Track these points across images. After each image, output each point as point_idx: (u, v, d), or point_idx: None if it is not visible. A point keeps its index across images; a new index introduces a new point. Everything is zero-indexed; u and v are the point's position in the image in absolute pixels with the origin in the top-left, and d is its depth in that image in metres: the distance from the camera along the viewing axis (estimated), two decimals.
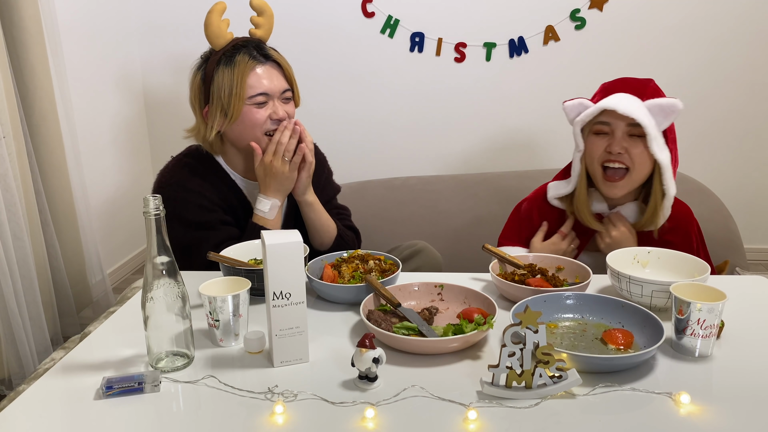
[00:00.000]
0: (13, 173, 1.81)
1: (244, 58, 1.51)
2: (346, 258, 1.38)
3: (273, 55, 1.55)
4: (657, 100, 1.46)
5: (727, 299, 1.03)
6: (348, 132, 2.71)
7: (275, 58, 1.55)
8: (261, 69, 1.52)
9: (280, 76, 1.55)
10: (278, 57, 1.56)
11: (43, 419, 0.91)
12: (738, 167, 2.71)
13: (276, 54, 1.57)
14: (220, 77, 1.51)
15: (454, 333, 1.07)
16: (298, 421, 0.89)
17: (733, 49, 2.56)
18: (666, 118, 1.46)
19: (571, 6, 2.53)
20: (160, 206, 0.98)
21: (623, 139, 1.47)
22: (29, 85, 1.94)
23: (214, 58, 1.53)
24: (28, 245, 1.87)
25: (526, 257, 1.42)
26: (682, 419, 0.88)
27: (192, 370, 1.03)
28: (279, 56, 1.57)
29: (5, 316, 1.80)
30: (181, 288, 1.03)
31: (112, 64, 2.52)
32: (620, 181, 1.50)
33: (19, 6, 1.86)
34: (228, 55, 1.52)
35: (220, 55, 1.52)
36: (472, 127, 2.72)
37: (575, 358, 0.97)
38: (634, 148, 1.47)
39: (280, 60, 1.56)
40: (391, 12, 2.57)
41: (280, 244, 0.99)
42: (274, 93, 1.53)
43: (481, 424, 0.88)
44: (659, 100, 1.45)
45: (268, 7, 1.61)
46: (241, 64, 1.50)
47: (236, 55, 1.51)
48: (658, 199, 1.51)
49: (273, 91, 1.53)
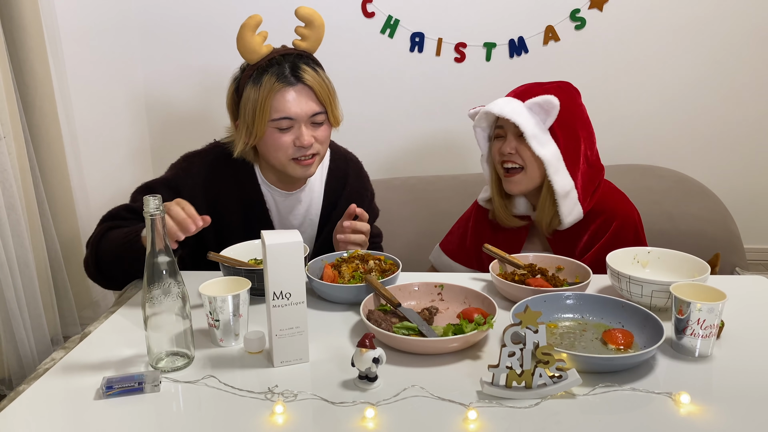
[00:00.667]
0: (13, 173, 1.80)
1: (271, 79, 1.42)
2: (346, 258, 1.38)
3: (305, 77, 1.44)
4: (534, 98, 1.52)
5: (727, 299, 1.03)
6: (348, 132, 2.70)
7: (307, 80, 1.44)
8: (289, 91, 1.43)
9: (309, 99, 1.45)
10: (312, 79, 1.44)
11: (44, 419, 0.91)
12: (738, 167, 2.70)
13: (311, 74, 1.45)
14: (247, 94, 1.44)
15: (454, 333, 1.07)
16: (298, 421, 0.89)
17: (733, 49, 2.56)
18: (548, 114, 1.52)
19: (571, 6, 2.53)
20: (160, 206, 0.98)
21: (513, 140, 1.56)
22: (29, 85, 1.94)
23: (248, 73, 1.46)
24: (28, 245, 1.87)
25: (526, 257, 1.42)
26: (682, 419, 0.88)
27: (192, 370, 1.03)
28: (315, 77, 1.45)
29: (5, 316, 1.80)
30: (181, 288, 1.03)
31: (112, 64, 2.52)
32: (515, 176, 1.58)
33: (19, 6, 1.86)
34: (259, 72, 1.44)
35: (253, 71, 1.45)
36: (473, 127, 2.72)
37: (575, 358, 0.97)
38: (523, 149, 1.55)
39: (312, 83, 1.44)
40: (391, 12, 2.57)
41: (280, 244, 0.99)
42: (300, 118, 1.44)
43: (481, 424, 0.88)
44: (536, 99, 1.52)
45: (317, 18, 1.49)
46: (267, 85, 1.42)
47: (265, 75, 1.43)
48: (545, 194, 1.56)
49: (299, 115, 1.44)
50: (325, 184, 1.65)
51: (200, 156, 1.58)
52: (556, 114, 1.51)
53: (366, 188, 1.71)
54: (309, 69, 1.45)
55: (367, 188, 1.72)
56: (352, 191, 1.66)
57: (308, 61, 1.48)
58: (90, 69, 2.36)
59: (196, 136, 2.83)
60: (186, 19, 2.63)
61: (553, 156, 1.53)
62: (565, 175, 1.54)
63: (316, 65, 1.49)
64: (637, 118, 2.62)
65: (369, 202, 1.71)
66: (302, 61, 1.46)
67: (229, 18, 2.60)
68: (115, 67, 2.55)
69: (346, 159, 1.70)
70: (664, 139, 2.64)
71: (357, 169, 1.71)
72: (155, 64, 2.70)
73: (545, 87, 1.58)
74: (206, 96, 2.69)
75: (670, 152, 2.64)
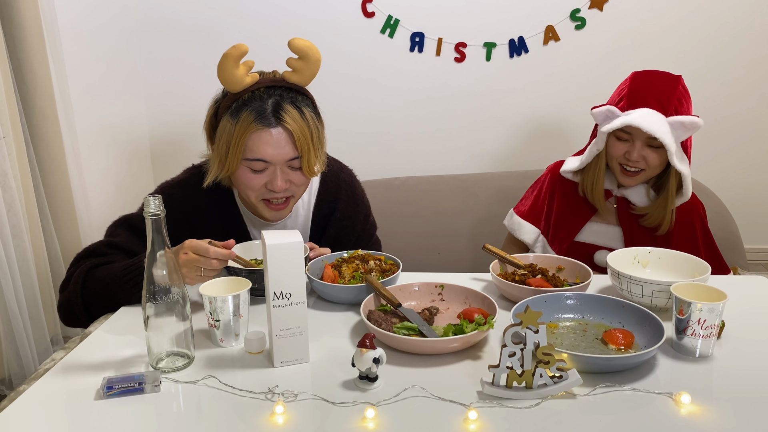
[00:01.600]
0: (13, 173, 1.81)
1: (249, 116, 1.30)
2: (346, 258, 1.38)
3: (285, 120, 1.31)
4: (679, 118, 1.55)
5: (727, 299, 1.03)
6: (348, 132, 2.71)
7: (287, 123, 1.31)
8: (267, 133, 1.31)
9: (288, 143, 1.32)
10: (294, 123, 1.32)
11: (44, 419, 0.91)
12: (738, 167, 2.70)
13: (294, 117, 1.32)
14: (223, 126, 1.34)
15: (455, 333, 1.07)
16: (299, 422, 0.89)
17: (733, 48, 2.56)
18: (686, 132, 1.56)
19: (571, 6, 2.53)
20: (160, 206, 0.98)
21: (642, 149, 1.59)
22: (29, 85, 1.94)
23: (227, 101, 1.35)
24: (28, 245, 1.87)
25: (526, 257, 1.42)
26: (683, 419, 0.88)
27: (192, 371, 1.03)
28: (297, 121, 1.32)
29: (5, 316, 1.80)
30: (181, 288, 1.03)
31: (112, 64, 2.52)
32: (636, 176, 1.64)
33: (19, 6, 1.86)
34: (239, 104, 1.32)
35: (233, 101, 1.33)
36: (472, 128, 2.72)
37: (576, 358, 0.97)
38: (651, 158, 1.60)
39: (293, 127, 1.31)
40: (391, 12, 2.57)
41: (280, 244, 0.99)
42: (275, 161, 1.33)
43: (482, 424, 0.88)
44: (682, 119, 1.55)
45: (313, 52, 1.34)
46: (245, 123, 1.30)
47: (244, 110, 1.31)
48: (672, 197, 1.63)
49: (274, 159, 1.33)
50: (314, 208, 1.55)
51: (179, 186, 1.48)
52: (695, 132, 1.56)
53: (358, 210, 1.59)
54: (293, 110, 1.32)
55: (360, 210, 1.60)
56: (343, 216, 1.56)
57: (296, 98, 1.35)
58: (90, 69, 2.36)
59: (195, 136, 2.83)
60: (186, 19, 2.63)
61: (689, 170, 1.60)
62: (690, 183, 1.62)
63: (303, 104, 1.35)
64: None
65: (362, 224, 1.60)
66: (287, 100, 1.33)
67: (229, 18, 2.60)
68: (115, 67, 2.55)
69: (338, 180, 1.57)
70: None
71: (349, 190, 1.58)
72: (155, 64, 2.70)
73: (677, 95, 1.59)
74: (206, 96, 2.68)
75: None
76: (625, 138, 1.61)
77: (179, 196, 1.45)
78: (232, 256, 1.23)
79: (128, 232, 1.41)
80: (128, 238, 1.39)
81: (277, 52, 2.70)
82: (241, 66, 1.31)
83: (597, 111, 1.65)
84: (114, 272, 1.28)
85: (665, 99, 1.58)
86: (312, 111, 1.37)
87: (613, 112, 1.62)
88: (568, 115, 2.65)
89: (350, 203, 1.57)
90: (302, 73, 1.35)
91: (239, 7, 2.59)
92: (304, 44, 1.33)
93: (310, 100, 1.40)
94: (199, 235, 1.33)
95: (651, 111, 1.57)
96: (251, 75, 1.34)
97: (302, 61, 1.34)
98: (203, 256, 1.19)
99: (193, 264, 1.19)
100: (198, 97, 2.71)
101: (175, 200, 1.43)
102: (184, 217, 1.44)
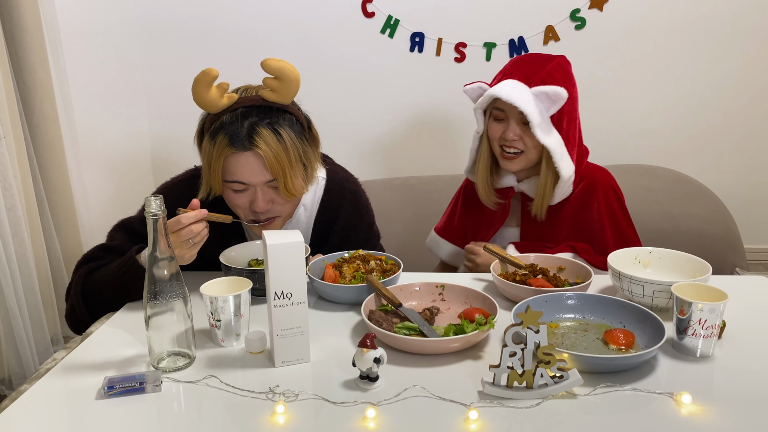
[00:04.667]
0: (13, 173, 1.80)
1: (224, 140, 1.29)
2: (347, 258, 1.38)
3: (258, 144, 1.28)
4: (542, 87, 1.51)
5: (728, 299, 1.03)
6: (348, 132, 2.71)
7: (260, 148, 1.28)
8: (241, 156, 1.30)
9: (262, 167, 1.30)
10: (266, 147, 1.28)
11: (45, 419, 0.91)
12: (738, 167, 2.70)
13: (268, 141, 1.29)
14: (204, 146, 1.34)
15: (456, 333, 1.07)
16: (299, 421, 0.89)
17: (733, 48, 2.56)
18: (553, 104, 1.52)
19: (571, 6, 2.53)
20: (161, 207, 0.98)
21: (516, 126, 1.56)
22: (29, 85, 1.94)
23: (209, 121, 1.34)
24: (28, 245, 1.87)
25: (527, 257, 1.42)
26: (684, 419, 0.88)
27: (193, 370, 1.03)
28: (270, 145, 1.29)
29: (5, 316, 1.80)
30: (182, 288, 1.03)
31: (112, 65, 2.52)
32: (516, 158, 1.59)
33: (19, 6, 1.86)
34: (216, 127, 1.31)
35: (213, 122, 1.33)
36: (472, 128, 2.71)
37: (576, 358, 0.97)
38: (527, 136, 1.55)
39: (265, 152, 1.28)
40: (391, 12, 2.57)
41: (281, 244, 0.99)
42: (253, 183, 1.33)
43: (482, 424, 0.88)
44: (544, 88, 1.51)
45: (288, 72, 1.29)
46: (220, 146, 1.30)
47: (220, 133, 1.30)
48: (548, 180, 1.58)
49: (251, 181, 1.32)
50: (317, 215, 1.54)
51: (177, 187, 1.49)
52: (561, 104, 1.52)
53: (361, 220, 1.58)
54: (267, 133, 1.29)
55: (363, 219, 1.59)
56: (346, 225, 1.55)
57: (274, 119, 1.32)
58: (90, 69, 2.35)
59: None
60: (186, 20, 2.63)
61: (557, 143, 1.54)
62: (568, 161, 1.56)
63: (282, 125, 1.32)
64: (637, 118, 2.62)
65: (366, 233, 1.60)
66: (262, 123, 1.30)
67: (228, 18, 2.60)
68: (115, 67, 2.55)
69: (342, 189, 1.57)
70: (664, 139, 2.64)
71: (354, 199, 1.58)
72: (155, 64, 2.70)
73: (547, 68, 1.56)
74: None
75: (670, 152, 2.64)
76: (501, 117, 1.58)
77: (177, 196, 1.45)
78: (204, 213, 1.23)
79: (125, 235, 1.42)
80: (124, 242, 1.39)
81: (277, 53, 2.70)
82: (214, 89, 1.29)
83: (468, 87, 1.63)
84: (110, 271, 1.30)
85: (532, 72, 1.55)
86: (293, 130, 1.34)
87: (483, 88, 1.60)
88: None
89: (354, 212, 1.57)
90: (280, 92, 1.31)
91: (239, 7, 2.59)
92: (278, 64, 1.29)
93: (293, 117, 1.36)
94: None
95: (513, 81, 1.54)
96: (228, 95, 1.31)
97: (278, 81, 1.30)
98: (181, 229, 1.20)
99: (178, 242, 1.21)
100: None
101: (172, 200, 1.41)
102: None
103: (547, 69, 1.56)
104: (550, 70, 1.56)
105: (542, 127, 1.52)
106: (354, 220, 1.56)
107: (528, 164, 1.61)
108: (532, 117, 1.49)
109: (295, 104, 1.39)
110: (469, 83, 1.64)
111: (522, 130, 1.55)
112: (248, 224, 1.41)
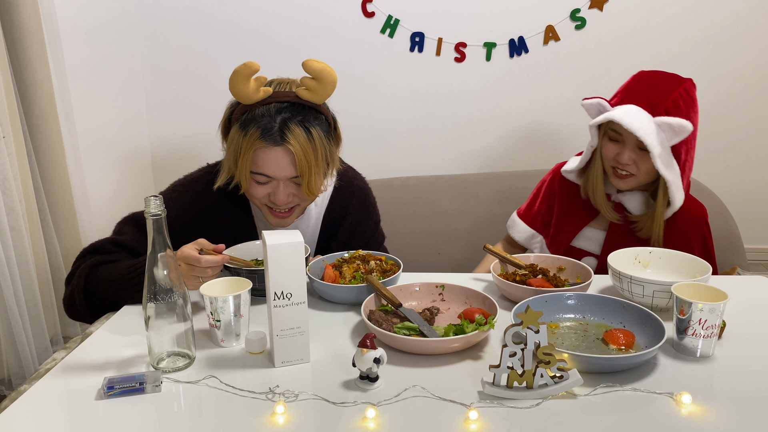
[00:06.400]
0: (13, 173, 1.81)
1: (256, 132, 1.31)
2: (347, 258, 1.38)
3: (290, 141, 1.31)
4: (666, 119, 1.46)
5: (728, 299, 1.03)
6: (347, 132, 2.70)
7: (290, 144, 1.31)
8: (271, 150, 1.32)
9: (290, 163, 1.33)
10: (297, 144, 1.31)
11: (45, 419, 0.91)
12: (738, 167, 2.71)
13: (299, 139, 1.31)
14: (232, 135, 1.35)
15: (455, 333, 1.07)
16: (299, 422, 0.89)
17: (733, 48, 2.56)
18: (676, 135, 1.47)
19: (571, 6, 2.53)
20: (161, 207, 0.98)
21: (633, 151, 1.52)
22: (29, 85, 1.94)
23: (239, 111, 1.35)
24: (28, 245, 1.87)
25: (527, 257, 1.42)
26: (684, 419, 0.88)
27: (193, 371, 1.03)
28: (301, 142, 1.32)
29: (5, 316, 1.80)
30: (182, 288, 1.03)
31: (112, 64, 2.52)
32: (627, 179, 1.57)
33: (19, 6, 1.86)
34: (248, 118, 1.33)
35: (244, 112, 1.34)
36: (472, 127, 2.72)
37: (576, 358, 0.97)
38: (642, 162, 1.52)
39: (295, 149, 1.31)
40: (391, 12, 2.57)
41: (281, 244, 0.99)
42: (278, 177, 1.35)
43: (482, 424, 0.88)
44: (669, 120, 1.46)
45: (328, 74, 1.32)
46: (251, 139, 1.31)
47: (252, 125, 1.31)
48: (662, 209, 1.55)
49: (277, 175, 1.35)
50: (326, 211, 1.56)
51: (191, 185, 1.49)
52: (685, 137, 1.47)
53: (369, 218, 1.61)
54: (299, 131, 1.32)
55: (371, 218, 1.61)
56: (354, 222, 1.57)
57: (306, 117, 1.34)
58: (90, 69, 2.35)
59: (196, 136, 2.83)
60: (186, 20, 2.63)
61: (675, 175, 1.51)
62: (681, 192, 1.54)
63: (313, 124, 1.35)
64: None
65: (372, 231, 1.61)
66: (295, 120, 1.32)
67: (228, 18, 2.60)
68: (115, 67, 2.55)
69: (352, 186, 1.59)
70: None
71: (362, 197, 1.60)
72: (155, 64, 2.70)
73: (673, 96, 1.50)
74: (205, 96, 2.69)
75: None
76: (617, 139, 1.55)
77: (191, 194, 1.46)
78: (225, 260, 1.23)
79: (135, 229, 1.41)
80: (134, 236, 1.40)
81: (277, 53, 2.70)
82: (252, 81, 1.30)
83: (588, 102, 1.59)
84: (118, 272, 1.28)
85: (658, 98, 1.50)
86: (322, 130, 1.36)
87: (603, 105, 1.56)
88: (568, 115, 2.65)
89: (362, 209, 1.58)
90: (316, 92, 1.34)
91: (239, 7, 2.59)
92: (319, 66, 1.32)
93: (323, 116, 1.38)
94: (209, 233, 1.35)
95: (636, 108, 1.49)
96: (264, 89, 1.33)
97: (317, 82, 1.33)
98: (196, 266, 1.20)
99: (189, 274, 1.20)
100: (197, 97, 2.72)
101: (186, 198, 1.45)
102: (194, 215, 1.45)
103: (673, 97, 1.50)
104: (676, 99, 1.50)
105: (663, 158, 1.47)
106: (362, 217, 1.58)
107: (638, 185, 1.59)
108: (653, 148, 1.45)
109: (325, 104, 1.41)
110: (588, 98, 1.60)
111: (637, 155, 1.51)
112: (267, 211, 1.41)
